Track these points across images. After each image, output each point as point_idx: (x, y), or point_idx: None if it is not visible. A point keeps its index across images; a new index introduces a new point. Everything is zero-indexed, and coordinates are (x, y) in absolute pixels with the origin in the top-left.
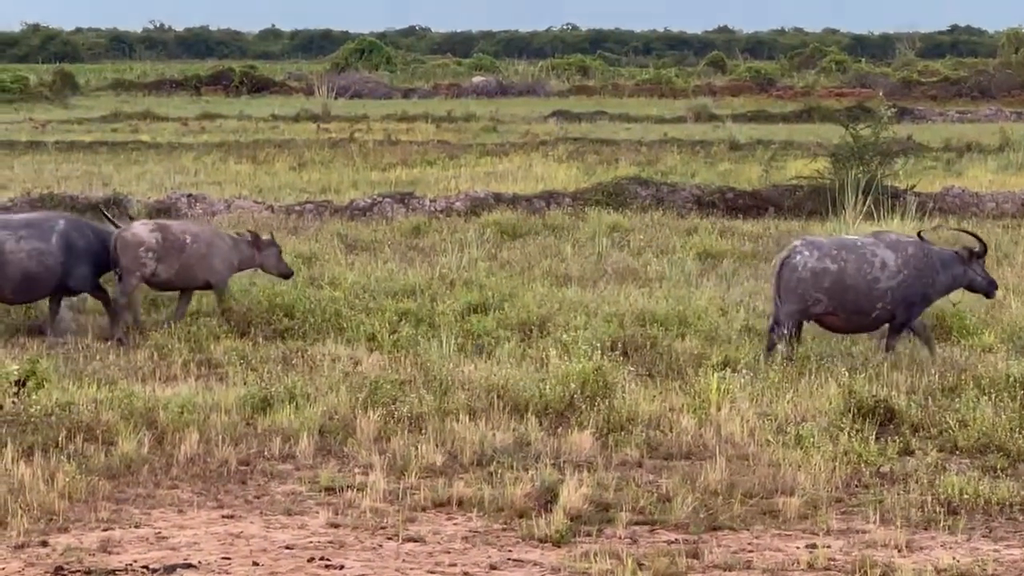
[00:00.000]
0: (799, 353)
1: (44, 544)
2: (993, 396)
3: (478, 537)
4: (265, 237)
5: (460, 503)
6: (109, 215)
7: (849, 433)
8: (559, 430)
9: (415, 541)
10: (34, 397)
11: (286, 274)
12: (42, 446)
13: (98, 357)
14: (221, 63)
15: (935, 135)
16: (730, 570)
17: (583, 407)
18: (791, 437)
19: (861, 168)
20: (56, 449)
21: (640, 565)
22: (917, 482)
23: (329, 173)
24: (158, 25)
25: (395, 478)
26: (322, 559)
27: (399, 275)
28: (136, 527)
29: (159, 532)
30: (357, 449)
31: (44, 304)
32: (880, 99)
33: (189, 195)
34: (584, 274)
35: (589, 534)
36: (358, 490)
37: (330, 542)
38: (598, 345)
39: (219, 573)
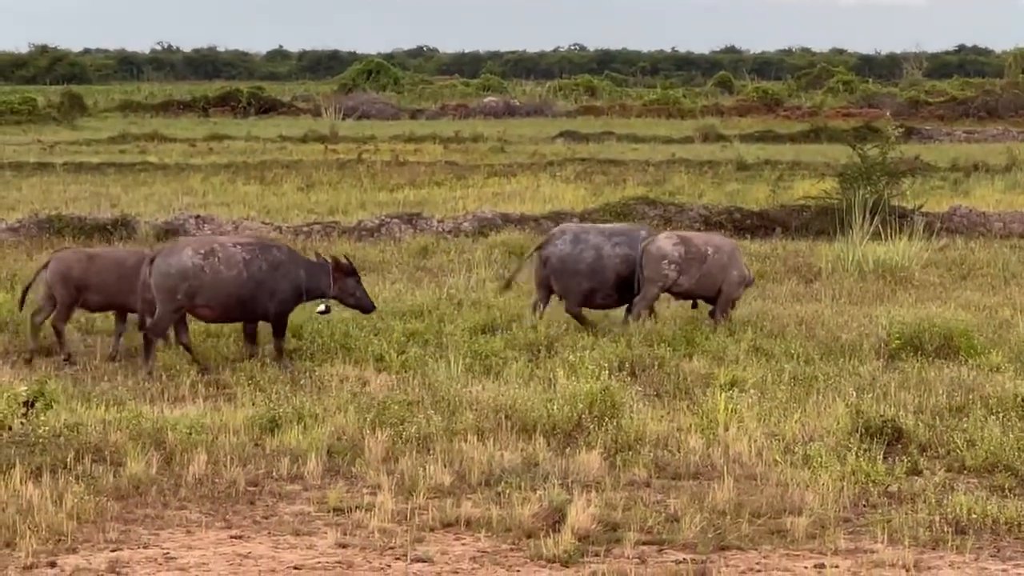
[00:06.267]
0: (806, 374)
1: (52, 565)
2: (1001, 415)
3: (486, 557)
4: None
5: (468, 523)
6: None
7: (857, 453)
8: (567, 450)
9: (423, 561)
10: (42, 418)
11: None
12: (50, 467)
13: (106, 378)
14: (229, 84)
15: (942, 155)
16: None
17: (591, 427)
18: (799, 457)
19: (868, 188)
20: (64, 470)
21: None
22: (925, 502)
23: (337, 194)
24: (166, 46)
25: (403, 498)
26: None
27: (407, 296)
28: (144, 548)
29: (168, 553)
30: (365, 469)
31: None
32: (887, 119)
33: (197, 216)
34: None
35: (597, 554)
36: (366, 510)
37: (338, 562)
38: (605, 365)
39: None
